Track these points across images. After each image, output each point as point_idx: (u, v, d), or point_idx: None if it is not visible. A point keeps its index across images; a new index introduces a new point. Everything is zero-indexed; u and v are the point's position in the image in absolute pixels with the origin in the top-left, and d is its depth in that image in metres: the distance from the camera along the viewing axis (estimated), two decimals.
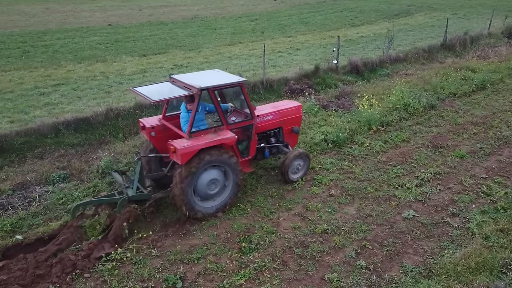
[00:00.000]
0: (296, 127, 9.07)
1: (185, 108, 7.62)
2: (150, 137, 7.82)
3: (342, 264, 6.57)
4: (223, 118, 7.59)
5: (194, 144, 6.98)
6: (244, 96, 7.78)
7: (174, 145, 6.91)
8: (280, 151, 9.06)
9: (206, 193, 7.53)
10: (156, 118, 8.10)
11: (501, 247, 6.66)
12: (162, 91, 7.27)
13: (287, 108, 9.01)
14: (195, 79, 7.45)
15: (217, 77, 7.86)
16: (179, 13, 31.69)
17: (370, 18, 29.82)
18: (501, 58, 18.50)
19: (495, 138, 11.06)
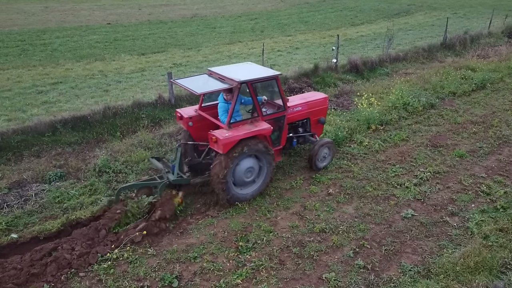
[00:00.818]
0: (322, 117, 9.51)
1: (223, 99, 7.92)
2: (187, 127, 8.22)
3: (340, 263, 6.51)
4: (259, 110, 7.92)
5: (235, 134, 7.34)
6: (278, 88, 8.15)
7: (215, 135, 7.24)
8: (307, 140, 9.44)
9: (242, 181, 7.93)
10: (192, 109, 8.50)
11: (500, 247, 6.61)
12: (203, 83, 7.65)
13: (315, 100, 9.38)
14: (233, 72, 7.81)
15: (253, 70, 8.23)
16: (178, 12, 31.61)
17: (370, 17, 29.75)
18: (501, 57, 18.44)
19: (495, 137, 11.00)
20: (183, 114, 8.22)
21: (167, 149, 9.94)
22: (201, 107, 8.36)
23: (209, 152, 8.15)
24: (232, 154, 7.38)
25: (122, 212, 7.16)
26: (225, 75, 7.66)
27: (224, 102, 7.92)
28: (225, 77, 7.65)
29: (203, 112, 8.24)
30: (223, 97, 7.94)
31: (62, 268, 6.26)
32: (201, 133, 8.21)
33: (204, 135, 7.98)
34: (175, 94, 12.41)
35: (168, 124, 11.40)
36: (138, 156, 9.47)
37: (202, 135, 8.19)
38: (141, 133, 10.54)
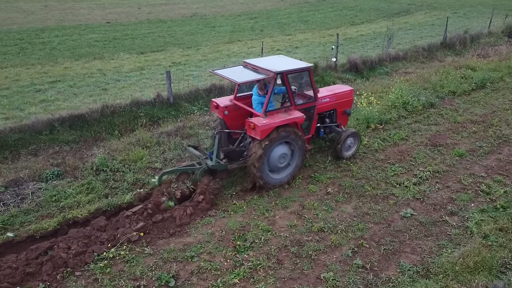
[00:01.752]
0: (348, 109, 9.93)
1: (257, 93, 8.37)
2: (223, 115, 8.60)
3: (338, 263, 6.46)
4: (292, 100, 8.34)
5: (271, 121, 7.82)
6: (310, 79, 8.57)
7: (254, 122, 7.72)
8: (333, 131, 9.81)
9: (276, 166, 8.37)
10: (227, 99, 8.90)
11: (500, 247, 6.56)
12: (241, 74, 8.11)
13: (341, 92, 9.83)
14: (269, 64, 8.26)
15: (287, 62, 8.70)
16: (178, 11, 31.53)
17: (370, 16, 29.68)
18: (501, 57, 18.38)
19: (495, 136, 10.95)
20: (219, 104, 8.59)
21: (165, 148, 9.90)
22: (236, 97, 8.76)
23: (243, 140, 8.71)
24: (268, 140, 7.80)
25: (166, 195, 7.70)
26: (261, 66, 8.12)
27: (258, 96, 8.36)
28: (261, 68, 8.09)
29: (238, 101, 8.65)
30: (257, 92, 8.38)
31: (58, 267, 6.21)
32: (235, 122, 8.70)
33: (238, 124, 8.66)
34: (174, 93, 12.36)
35: (166, 123, 11.36)
36: (136, 154, 9.42)
37: (236, 124, 8.71)
38: (139, 131, 10.48)
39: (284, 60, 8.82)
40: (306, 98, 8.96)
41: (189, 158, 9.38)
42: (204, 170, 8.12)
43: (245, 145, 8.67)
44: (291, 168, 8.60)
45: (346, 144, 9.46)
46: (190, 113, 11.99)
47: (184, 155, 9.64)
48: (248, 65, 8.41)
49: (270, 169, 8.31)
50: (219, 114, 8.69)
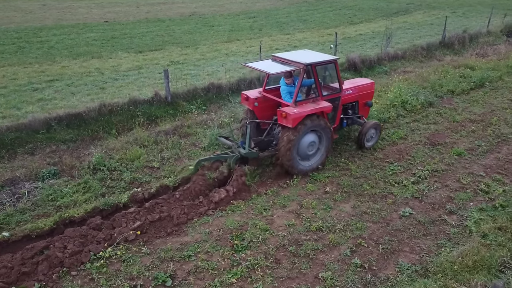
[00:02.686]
0: (369, 101, 10.40)
1: (285, 83, 8.83)
2: (253, 107, 9.03)
3: (336, 262, 6.41)
4: (320, 90, 8.78)
5: (302, 110, 8.25)
6: (336, 71, 9.04)
7: (285, 111, 8.13)
8: (354, 122, 10.27)
9: (305, 154, 8.78)
10: (256, 91, 9.36)
11: (499, 245, 6.52)
12: (272, 66, 8.58)
13: (363, 84, 10.30)
14: (298, 57, 8.80)
15: (314, 55, 9.25)
16: (176, 10, 31.47)
17: (368, 16, 29.65)
18: (500, 56, 18.35)
19: (494, 135, 10.91)
20: (249, 96, 9.04)
21: (162, 147, 9.84)
22: (265, 89, 9.17)
23: (271, 130, 9.24)
24: (298, 129, 8.23)
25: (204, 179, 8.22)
26: (291, 59, 8.61)
27: (286, 85, 8.84)
28: (290, 61, 8.58)
29: (267, 93, 9.09)
30: (284, 81, 8.85)
31: (53, 266, 6.16)
32: (264, 113, 9.17)
33: (267, 115, 9.21)
34: (172, 92, 12.31)
35: (164, 122, 11.30)
36: (133, 153, 9.37)
37: (265, 115, 9.19)
38: (137, 130, 10.43)
39: (311, 53, 9.40)
40: (331, 89, 9.38)
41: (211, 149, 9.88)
42: (237, 158, 8.60)
43: (273, 135, 9.16)
44: (319, 156, 9.01)
45: (368, 135, 9.84)
46: (188, 112, 11.94)
47: (183, 153, 9.60)
48: (277, 58, 8.90)
49: (300, 157, 8.72)
50: (248, 105, 9.13)
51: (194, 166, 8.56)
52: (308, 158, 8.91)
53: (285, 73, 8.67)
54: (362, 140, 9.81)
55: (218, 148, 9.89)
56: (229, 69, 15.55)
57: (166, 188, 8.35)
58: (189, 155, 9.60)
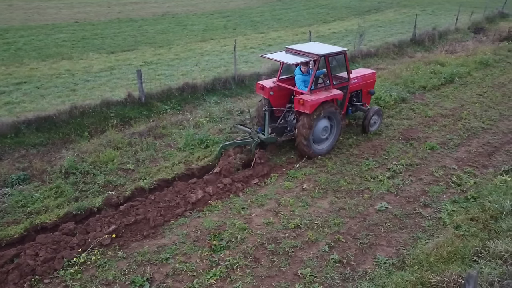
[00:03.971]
0: (372, 89, 11.18)
1: (300, 71, 9.55)
2: (268, 96, 9.64)
3: (315, 258, 6.43)
4: (331, 79, 9.51)
5: (317, 98, 8.94)
6: (345, 61, 9.87)
7: (303, 98, 8.79)
8: (358, 109, 11.01)
9: (319, 138, 9.49)
10: (270, 81, 10.00)
11: (471, 236, 6.68)
12: (289, 57, 9.29)
13: (366, 74, 11.12)
14: (312, 48, 9.48)
15: (325, 46, 9.97)
16: (149, 10, 31.00)
17: (341, 14, 30.00)
18: (468, 52, 18.89)
19: (464, 129, 11.21)
20: (265, 85, 9.66)
21: (137, 149, 9.66)
22: (279, 79, 9.82)
23: (285, 117, 9.93)
24: (314, 114, 8.91)
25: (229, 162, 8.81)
26: (305, 51, 9.27)
27: (301, 74, 9.55)
28: (305, 52, 9.23)
29: (281, 83, 9.75)
30: (300, 70, 9.55)
31: (25, 275, 5.94)
32: (279, 101, 9.84)
33: (281, 103, 9.90)
34: (146, 93, 12.10)
35: (138, 123, 11.10)
36: (107, 156, 9.15)
37: (279, 103, 9.87)
38: (110, 132, 10.19)
39: (321, 45, 10.17)
40: (339, 79, 10.09)
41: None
42: (257, 143, 9.21)
43: (287, 122, 9.89)
44: (331, 140, 9.72)
45: (372, 120, 10.64)
46: (163, 113, 11.77)
47: (158, 154, 9.44)
48: (290, 50, 9.54)
49: (315, 140, 9.41)
50: (264, 94, 9.72)
51: (218, 151, 9.14)
52: (321, 141, 9.61)
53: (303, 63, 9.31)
54: (367, 126, 10.59)
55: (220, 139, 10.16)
56: (203, 69, 15.42)
57: (141, 190, 8.19)
58: (165, 156, 9.45)
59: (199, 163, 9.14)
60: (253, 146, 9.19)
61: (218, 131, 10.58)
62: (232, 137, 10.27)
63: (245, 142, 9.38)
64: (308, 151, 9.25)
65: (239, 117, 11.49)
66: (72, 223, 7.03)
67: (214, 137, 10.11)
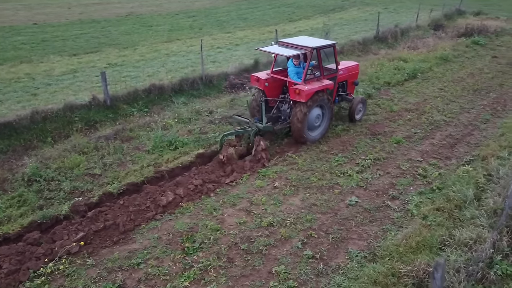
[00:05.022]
0: (356, 80, 11.96)
1: (293, 64, 10.04)
2: (263, 87, 10.08)
3: (289, 255, 6.47)
4: (322, 70, 10.09)
5: (312, 87, 9.49)
6: (334, 54, 10.46)
7: (299, 88, 9.37)
8: (344, 98, 11.66)
9: (313, 125, 10.07)
10: (264, 73, 10.48)
11: (438, 225, 6.91)
12: (283, 50, 9.87)
13: (351, 66, 11.81)
14: (303, 42, 10.13)
15: (315, 40, 10.68)
16: (112, 10, 30.28)
17: (307, 13, 30.33)
18: (429, 48, 19.51)
19: (428, 123, 11.57)
20: (260, 77, 10.12)
21: (104, 153, 9.41)
22: (273, 71, 10.34)
23: (278, 107, 10.47)
24: (309, 103, 9.47)
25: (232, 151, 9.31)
26: (298, 44, 9.88)
27: (294, 66, 10.07)
28: (298, 45, 9.83)
29: (275, 75, 10.26)
30: (293, 62, 10.05)
31: None
32: (273, 92, 10.33)
33: (275, 94, 10.41)
34: (111, 95, 11.81)
35: (104, 126, 10.81)
36: (72, 161, 8.87)
37: (273, 93, 10.36)
38: (75, 137, 9.89)
39: (312, 39, 10.92)
40: (328, 70, 10.60)
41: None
42: (255, 131, 9.60)
43: (281, 111, 10.43)
44: (322, 127, 10.33)
45: (357, 109, 11.23)
46: (130, 115, 11.52)
47: (126, 157, 9.23)
48: (283, 43, 10.14)
49: (309, 127, 9.93)
50: (259, 86, 10.16)
51: (220, 141, 9.60)
52: (315, 129, 10.18)
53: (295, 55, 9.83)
54: (353, 114, 11.19)
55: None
56: (170, 70, 15.22)
57: (110, 195, 7.99)
58: (133, 159, 9.25)
59: (169, 165, 9.01)
60: (252, 134, 9.61)
61: (187, 132, 10.46)
62: (202, 137, 10.19)
63: (244, 131, 9.80)
64: (304, 137, 9.81)
65: (208, 117, 11.40)
66: (37, 232, 6.76)
67: (184, 138, 9.98)
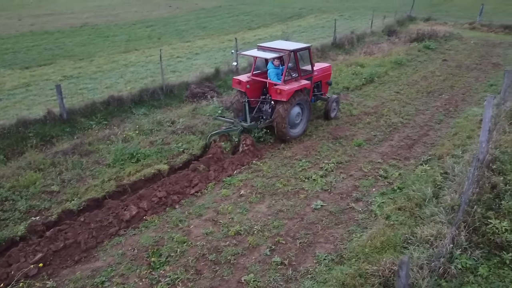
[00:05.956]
0: (329, 80, 12.83)
1: (273, 65, 10.73)
2: (245, 89, 10.66)
3: (257, 263, 6.44)
4: (299, 71, 10.87)
5: (291, 87, 10.22)
6: (309, 56, 11.21)
7: (280, 88, 10.06)
8: (319, 98, 12.44)
9: (293, 123, 10.78)
10: (245, 76, 11.12)
11: (400, 224, 7.10)
12: (263, 53, 10.52)
13: (324, 67, 12.67)
14: (282, 45, 10.89)
15: (291, 43, 11.51)
16: (66, 21, 29.37)
17: (265, 21, 30.70)
18: (384, 53, 20.21)
19: (386, 125, 11.95)
20: (241, 80, 10.75)
21: (61, 169, 9.03)
22: (253, 74, 10.98)
23: (259, 108, 10.99)
24: (290, 101, 10.14)
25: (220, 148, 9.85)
26: (277, 47, 10.58)
27: (274, 68, 10.74)
28: (277, 49, 10.52)
29: (255, 77, 10.93)
30: (273, 64, 10.74)
31: None
32: (253, 93, 10.92)
33: (255, 95, 10.99)
34: (68, 108, 11.40)
35: (61, 141, 10.40)
36: (28, 179, 8.43)
37: (254, 95, 10.94)
38: (30, 153, 9.43)
39: (288, 42, 11.82)
40: (304, 71, 11.24)
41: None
42: (241, 130, 10.24)
43: (262, 111, 10.93)
44: (302, 124, 11.03)
45: (332, 107, 12.01)
46: (88, 128, 11.14)
47: (86, 172, 8.90)
48: (262, 47, 10.79)
49: (290, 125, 10.58)
50: (241, 88, 10.73)
51: (208, 140, 10.18)
52: (295, 126, 10.85)
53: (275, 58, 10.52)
54: (329, 112, 11.96)
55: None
56: (129, 80, 14.91)
57: (69, 212, 7.66)
58: (93, 174, 8.94)
59: (131, 179, 8.77)
60: (238, 133, 10.24)
61: (149, 144, 10.25)
62: (164, 148, 10.01)
63: (230, 130, 10.36)
64: (286, 133, 10.41)
65: (170, 128, 11.22)
66: None
67: (145, 150, 9.77)
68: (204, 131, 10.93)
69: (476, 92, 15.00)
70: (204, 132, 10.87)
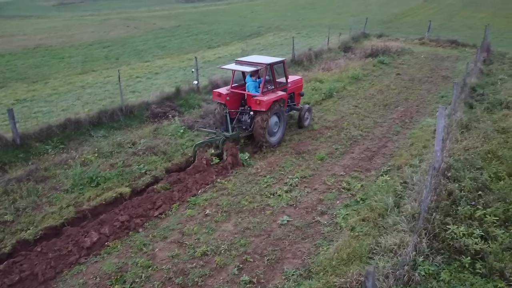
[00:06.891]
0: (302, 91, 13.76)
1: (251, 79, 11.46)
2: (225, 101, 11.32)
3: (225, 283, 6.34)
4: (275, 83, 11.71)
5: (270, 98, 10.97)
6: (283, 69, 12.13)
7: (259, 99, 10.75)
8: (292, 108, 13.23)
9: (272, 131, 11.46)
10: (225, 89, 11.79)
11: (365, 235, 7.23)
12: (242, 67, 11.30)
13: (296, 79, 13.64)
14: (258, 59, 11.73)
15: (267, 58, 12.30)
16: (17, 43, 28.35)
17: (225, 39, 30.97)
18: (341, 69, 20.85)
19: (346, 138, 12.25)
20: (221, 92, 11.40)
21: (15, 197, 8.57)
22: (232, 87, 11.64)
23: (239, 119, 11.70)
24: (269, 111, 10.87)
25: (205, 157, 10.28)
26: (254, 61, 11.42)
27: (252, 81, 11.46)
28: (254, 63, 11.33)
29: (234, 89, 11.60)
30: (251, 78, 11.46)
31: None
32: (233, 105, 11.59)
33: (235, 106, 11.66)
34: (21, 133, 10.90)
35: (14, 168, 9.89)
36: None
37: (233, 106, 11.60)
38: None
39: (263, 57, 12.85)
40: (279, 83, 11.99)
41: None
42: (223, 140, 10.64)
43: (242, 122, 11.64)
44: (279, 133, 11.77)
45: (305, 116, 12.88)
46: (44, 153, 10.68)
47: (42, 199, 8.48)
48: (240, 62, 11.58)
49: (268, 133, 11.25)
50: (221, 100, 11.37)
51: (192, 149, 10.59)
52: (273, 134, 11.54)
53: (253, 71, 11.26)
54: (302, 120, 12.80)
55: None
56: (87, 102, 14.51)
57: (25, 243, 7.26)
58: (50, 201, 8.54)
59: (91, 203, 8.46)
60: (221, 143, 10.61)
61: (110, 166, 9.95)
62: (125, 170, 9.74)
63: (213, 140, 10.81)
64: (265, 141, 11.13)
65: (131, 149, 10.97)
66: None
67: (106, 173, 9.48)
68: (166, 151, 10.79)
69: (429, 103, 15.73)
70: (166, 153, 10.73)
